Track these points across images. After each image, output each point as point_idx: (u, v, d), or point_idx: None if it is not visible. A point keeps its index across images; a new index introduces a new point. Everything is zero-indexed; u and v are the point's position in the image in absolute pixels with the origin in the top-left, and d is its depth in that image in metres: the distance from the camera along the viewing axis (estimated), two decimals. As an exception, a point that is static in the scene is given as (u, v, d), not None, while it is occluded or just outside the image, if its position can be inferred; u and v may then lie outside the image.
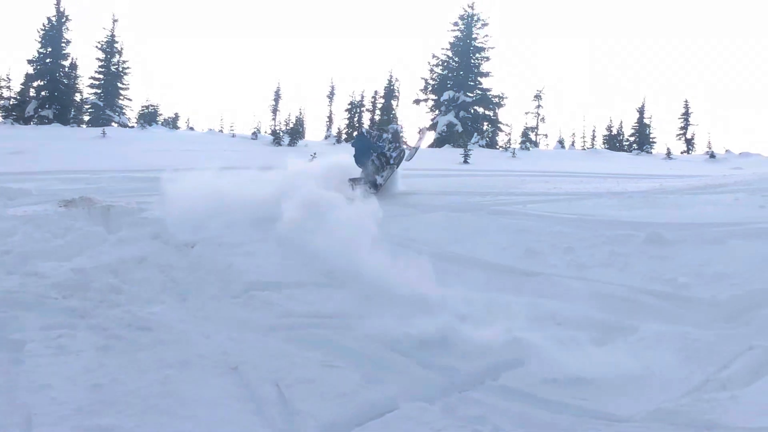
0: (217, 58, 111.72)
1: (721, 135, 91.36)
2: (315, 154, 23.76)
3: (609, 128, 54.08)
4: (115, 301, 7.21)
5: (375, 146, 13.76)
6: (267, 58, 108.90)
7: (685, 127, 50.00)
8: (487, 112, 47.73)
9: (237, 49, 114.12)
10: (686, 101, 50.53)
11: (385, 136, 14.01)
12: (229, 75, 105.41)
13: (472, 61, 47.22)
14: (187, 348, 5.90)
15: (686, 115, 50.19)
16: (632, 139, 52.03)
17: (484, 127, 47.38)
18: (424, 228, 9.79)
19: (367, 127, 17.02)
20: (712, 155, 34.68)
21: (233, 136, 41.39)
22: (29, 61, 44.62)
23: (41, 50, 44.71)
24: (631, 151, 45.44)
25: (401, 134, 14.58)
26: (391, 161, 13.72)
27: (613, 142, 52.67)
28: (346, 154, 14.22)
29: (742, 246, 7.62)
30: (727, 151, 37.03)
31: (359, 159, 13.75)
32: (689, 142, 49.54)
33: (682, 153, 46.53)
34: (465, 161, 28.67)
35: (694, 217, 9.24)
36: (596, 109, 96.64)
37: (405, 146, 14.40)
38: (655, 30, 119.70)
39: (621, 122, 54.17)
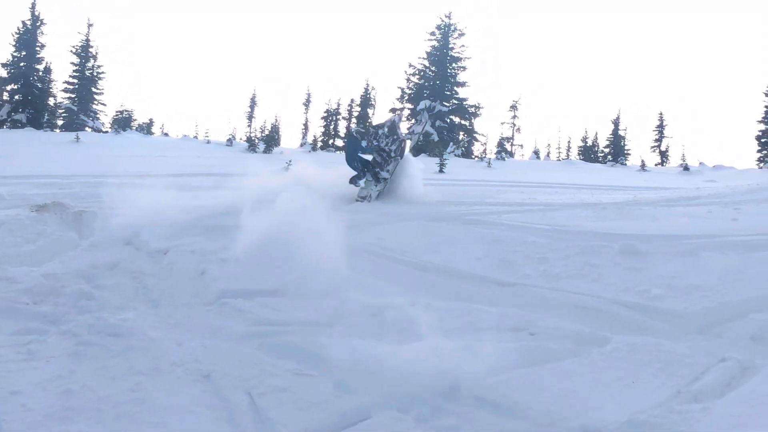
0: (193, 63, 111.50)
1: (695, 148, 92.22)
2: (291, 161, 23.79)
3: (584, 139, 54.60)
4: (86, 307, 7.17)
5: (366, 148, 13.84)
6: (243, 64, 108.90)
7: (659, 140, 50.53)
8: (463, 122, 47.99)
9: (214, 55, 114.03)
10: (661, 114, 51.15)
11: (381, 132, 13.96)
12: (206, 81, 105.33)
13: (449, 70, 47.51)
14: (158, 355, 5.86)
15: (661, 127, 50.73)
16: (607, 150, 52.56)
17: (460, 137, 47.59)
18: (398, 237, 9.78)
19: (356, 128, 17.06)
20: (686, 168, 35.03)
21: (208, 142, 41.42)
22: (3, 65, 44.44)
23: (15, 54, 44.46)
24: (605, 163, 45.88)
25: (398, 125, 14.52)
26: (393, 154, 13.75)
27: (588, 153, 53.16)
28: (317, 167, 14.27)
29: (715, 258, 7.67)
30: (700, 163, 37.48)
31: (350, 161, 13.87)
32: (663, 155, 50.07)
33: (656, 165, 47.06)
34: (441, 170, 28.81)
35: (668, 229, 9.29)
36: (572, 121, 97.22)
37: (405, 134, 14.42)
38: (630, 42, 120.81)
39: (596, 134, 54.81)
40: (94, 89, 49.29)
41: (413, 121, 45.81)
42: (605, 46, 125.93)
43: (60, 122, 48.32)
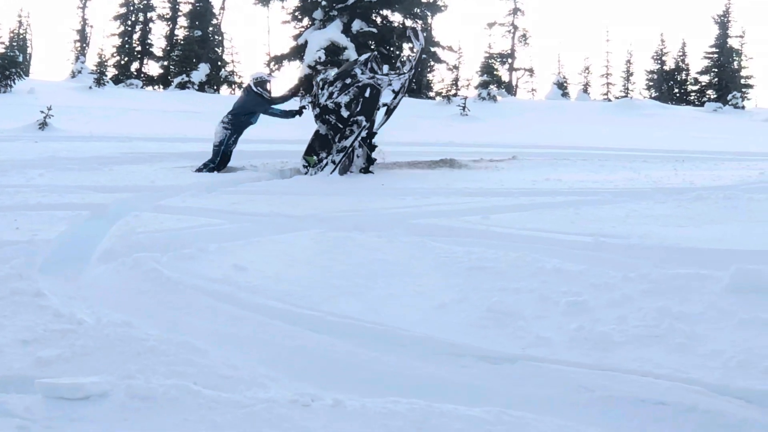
0: None
1: None
2: (50, 109, 23.66)
3: (658, 58, 55.04)
4: None
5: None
6: None
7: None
8: (409, 22, 47.80)
9: None
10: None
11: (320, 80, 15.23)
12: None
13: None
14: None
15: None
16: (706, 80, 52.92)
17: (404, 54, 47.58)
18: (277, 265, 9.63)
19: (257, 75, 17.89)
20: None
21: None
22: None
23: None
24: (703, 105, 46.38)
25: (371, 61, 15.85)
26: (344, 108, 15.00)
27: (667, 85, 53.64)
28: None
29: None
30: None
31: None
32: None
33: (811, 106, 47.46)
34: (364, 121, 28.84)
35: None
36: (631, 24, 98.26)
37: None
38: None
39: (683, 45, 55.19)
40: None
41: (306, 22, 45.59)
42: None
43: None
